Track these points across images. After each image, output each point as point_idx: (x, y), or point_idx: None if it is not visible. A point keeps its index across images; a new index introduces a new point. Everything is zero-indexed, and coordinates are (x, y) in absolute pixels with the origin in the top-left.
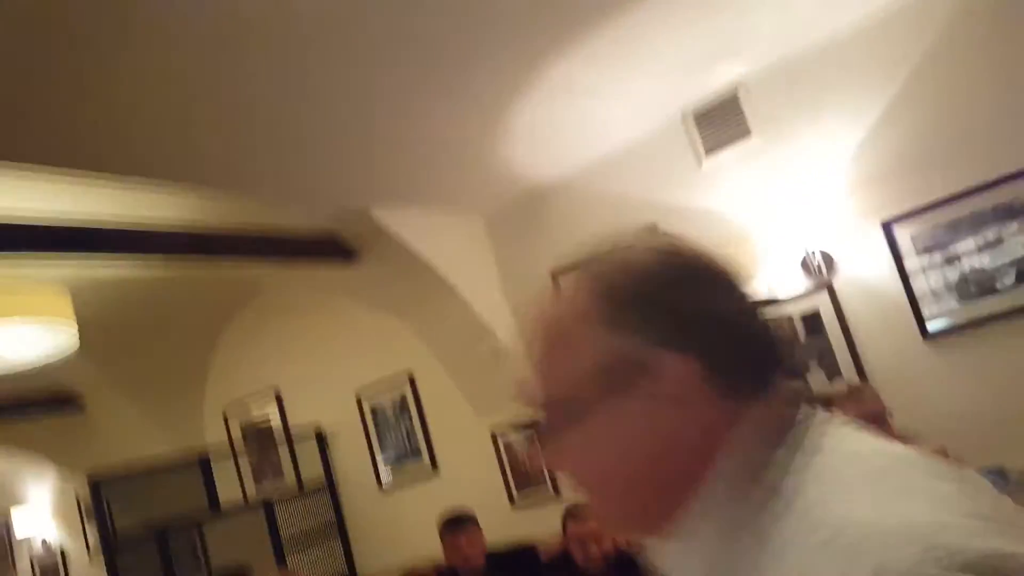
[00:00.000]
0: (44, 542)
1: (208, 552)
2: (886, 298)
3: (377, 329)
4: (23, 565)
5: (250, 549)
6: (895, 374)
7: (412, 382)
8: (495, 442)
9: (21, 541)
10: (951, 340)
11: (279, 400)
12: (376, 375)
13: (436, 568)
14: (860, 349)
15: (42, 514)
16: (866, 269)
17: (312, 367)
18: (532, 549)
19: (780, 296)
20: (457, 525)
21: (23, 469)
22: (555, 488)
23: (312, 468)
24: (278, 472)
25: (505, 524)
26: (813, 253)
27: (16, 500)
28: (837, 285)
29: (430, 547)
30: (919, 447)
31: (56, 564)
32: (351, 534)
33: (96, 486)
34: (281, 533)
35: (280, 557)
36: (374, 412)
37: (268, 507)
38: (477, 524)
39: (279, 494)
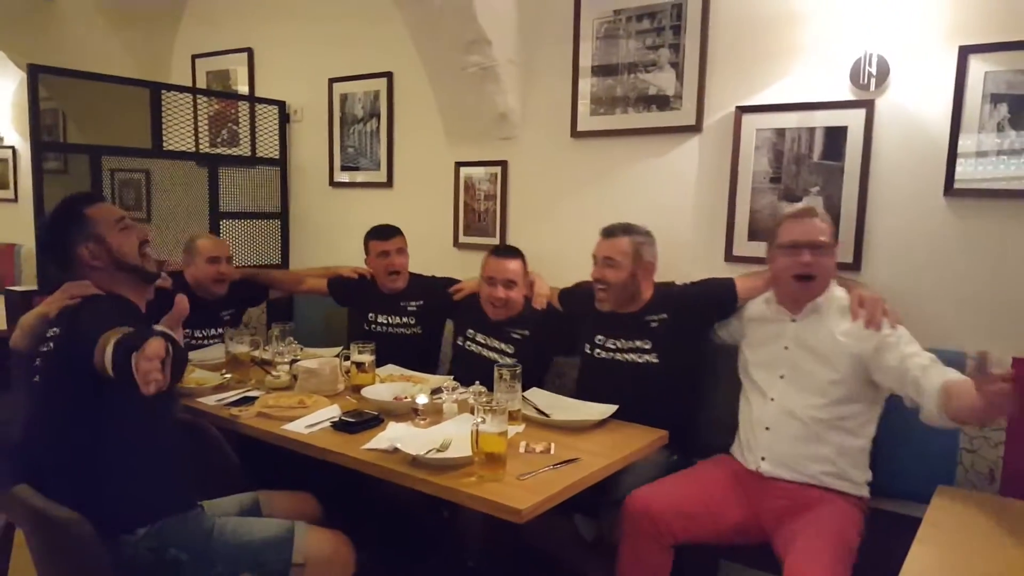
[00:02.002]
0: None
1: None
2: (925, 135)
3: (366, 19)
4: None
5: (188, 202)
6: (898, 219)
7: (390, 82)
8: (457, 174)
9: None
10: (970, 204)
11: (250, 59)
12: (354, 69)
13: (356, 271)
14: (872, 183)
15: (1, 108)
16: (918, 96)
17: (289, 45)
18: (451, 282)
19: (811, 99)
20: (388, 234)
21: None
22: (502, 242)
23: (268, 146)
24: (233, 136)
25: (443, 259)
26: (870, 58)
27: None
28: (880, 103)
29: (360, 256)
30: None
31: (6, 160)
32: (291, 217)
33: (34, 72)
34: (221, 195)
35: (216, 220)
36: (343, 100)
37: (214, 165)
38: (404, 239)
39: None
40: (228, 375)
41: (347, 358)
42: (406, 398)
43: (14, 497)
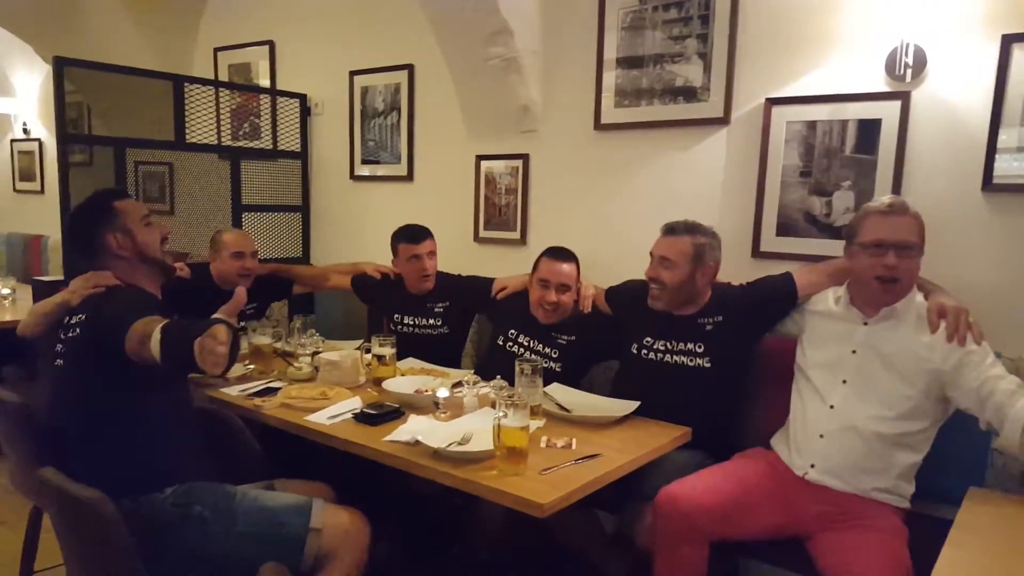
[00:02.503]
0: (25, 127)
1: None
2: (963, 128)
3: (387, 11)
4: (3, 152)
5: (211, 195)
6: (933, 215)
7: (411, 74)
8: (478, 168)
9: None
10: (1010, 199)
11: (272, 52)
12: (375, 61)
13: (379, 270)
14: (907, 178)
15: (27, 101)
16: (957, 88)
17: (310, 38)
18: (489, 282)
19: (844, 91)
20: (419, 237)
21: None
22: (523, 236)
23: (289, 139)
24: (255, 129)
25: (463, 254)
26: (906, 48)
27: (5, 88)
28: (916, 95)
29: (380, 250)
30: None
31: (32, 152)
32: (312, 211)
33: (60, 64)
34: (243, 187)
35: (238, 213)
36: (364, 93)
37: (236, 158)
38: (434, 241)
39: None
40: (251, 366)
41: (368, 351)
42: (427, 391)
43: (40, 479)
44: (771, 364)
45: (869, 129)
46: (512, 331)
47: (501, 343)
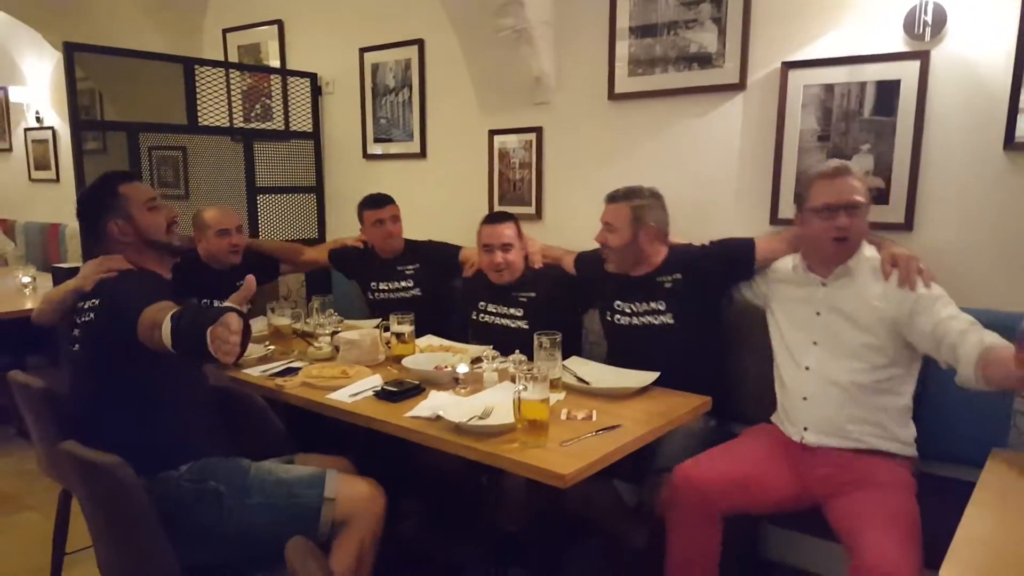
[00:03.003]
0: (38, 116)
1: (188, 167)
2: (984, 87)
3: None
4: (17, 141)
5: (225, 178)
6: (953, 175)
7: (421, 49)
8: (491, 143)
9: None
10: None
11: (281, 32)
12: (385, 37)
13: (360, 240)
14: (926, 139)
15: (39, 89)
16: (977, 46)
17: (318, 15)
18: (455, 249)
19: (862, 52)
20: (382, 202)
21: (22, 43)
22: (538, 211)
23: (301, 120)
24: (267, 110)
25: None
26: (925, 6)
27: (16, 77)
28: (935, 55)
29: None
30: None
31: (46, 140)
32: (326, 191)
33: (70, 49)
34: (257, 169)
35: (252, 195)
36: (375, 70)
37: (249, 140)
38: (398, 207)
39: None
40: (271, 347)
41: (387, 329)
42: (447, 367)
43: (62, 452)
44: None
45: (888, 90)
46: (480, 303)
47: (475, 317)
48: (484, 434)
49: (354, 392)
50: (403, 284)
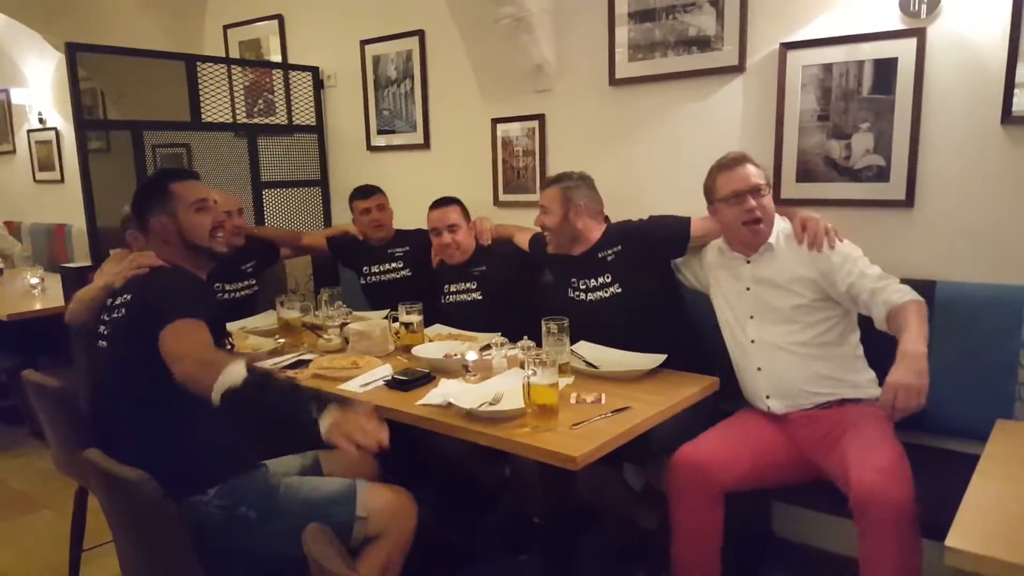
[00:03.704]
0: (40, 117)
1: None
2: (980, 63)
3: None
4: (21, 143)
5: (230, 174)
6: (952, 150)
7: (422, 40)
8: (494, 131)
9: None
10: None
11: (281, 26)
12: (385, 29)
13: (361, 232)
14: (925, 115)
15: (41, 90)
16: (973, 22)
17: (318, 9)
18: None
19: (859, 31)
20: (368, 193)
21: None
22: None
23: (304, 114)
24: (270, 105)
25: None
26: None
27: (17, 78)
28: (931, 31)
29: (400, 219)
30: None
31: (50, 141)
32: (331, 184)
33: (72, 49)
34: (262, 165)
35: (258, 190)
36: (376, 62)
37: (252, 135)
38: (385, 197)
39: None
40: (281, 340)
41: (396, 319)
42: (456, 355)
43: (86, 460)
44: None
45: (885, 68)
46: (445, 286)
47: (444, 300)
48: (495, 420)
49: (365, 382)
50: (393, 266)
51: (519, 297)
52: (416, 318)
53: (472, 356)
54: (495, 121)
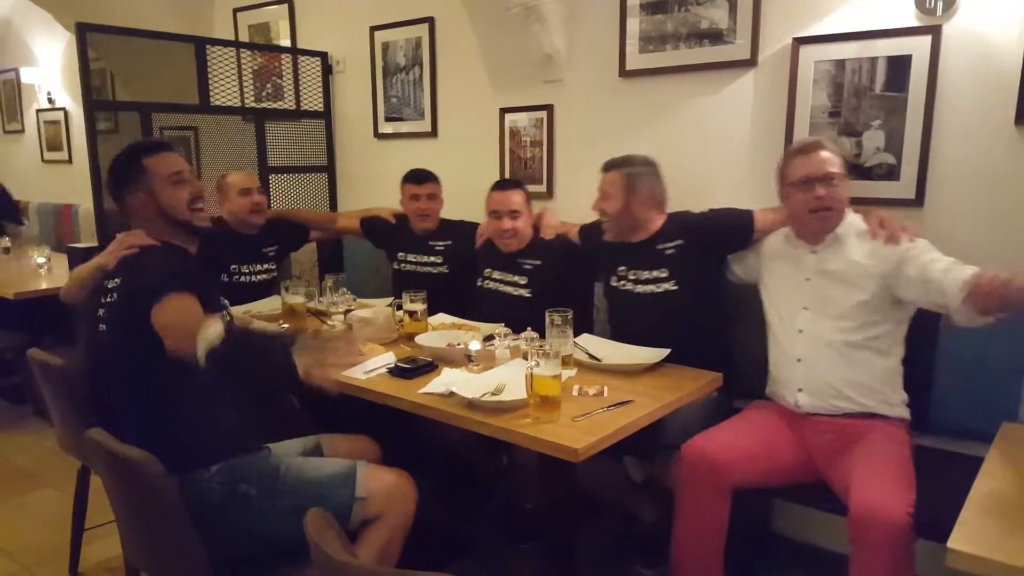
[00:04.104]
0: (49, 97)
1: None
2: (995, 62)
3: None
4: (30, 122)
5: (237, 158)
6: (965, 150)
7: (431, 27)
8: (502, 121)
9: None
10: None
11: (291, 10)
12: (395, 15)
13: (394, 214)
14: (938, 114)
15: (50, 70)
16: (989, 20)
17: None
18: (475, 226)
19: (873, 27)
20: (421, 179)
21: (33, 24)
22: (550, 189)
23: (312, 99)
24: (278, 90)
25: None
26: None
27: (27, 58)
28: (947, 29)
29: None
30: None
31: (58, 121)
32: (338, 170)
33: (82, 30)
34: (269, 149)
35: (265, 175)
36: (385, 49)
37: (260, 119)
38: (437, 185)
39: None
40: (285, 325)
41: (400, 307)
42: (459, 345)
43: (89, 440)
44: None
45: (899, 66)
46: (487, 270)
47: (481, 284)
48: (497, 410)
49: (368, 369)
50: (432, 259)
51: (571, 298)
52: (420, 306)
53: (475, 346)
54: (503, 111)
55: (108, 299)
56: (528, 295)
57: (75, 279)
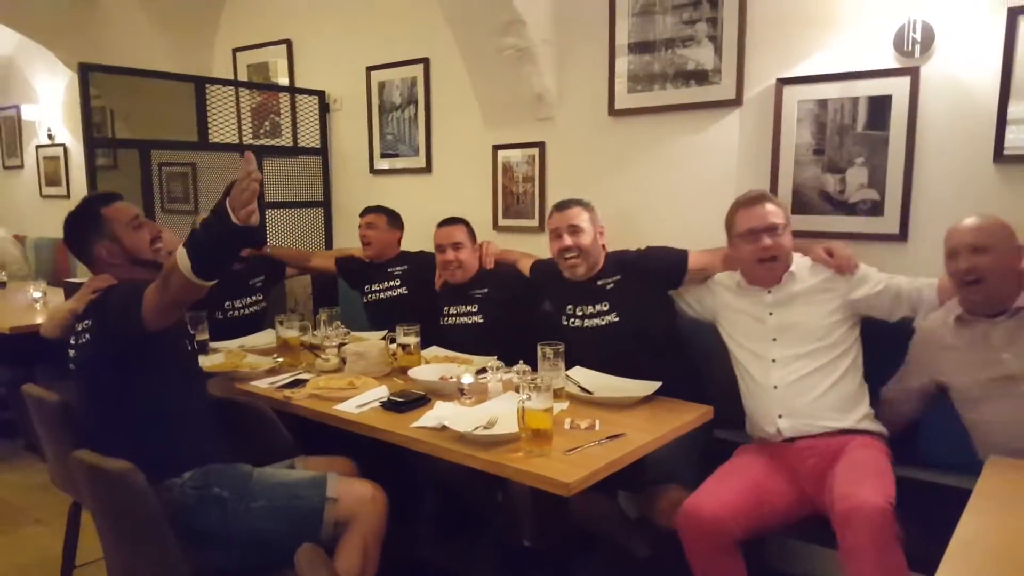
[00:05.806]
0: (49, 133)
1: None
2: (973, 102)
3: (402, 5)
4: (29, 158)
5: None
6: (945, 187)
7: (427, 68)
8: (495, 157)
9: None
10: (1021, 170)
11: (289, 51)
12: (391, 56)
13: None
14: (918, 152)
15: (51, 107)
16: (965, 62)
17: (326, 35)
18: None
19: (854, 68)
20: (363, 212)
21: (35, 63)
22: (541, 223)
23: (309, 136)
24: (276, 127)
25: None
26: (914, 24)
27: (28, 95)
28: (925, 71)
29: (408, 238)
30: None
31: (57, 157)
32: (334, 205)
33: (84, 70)
34: (266, 185)
35: (261, 210)
36: (381, 88)
37: (258, 157)
38: (379, 216)
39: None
40: (279, 359)
41: (393, 341)
42: (452, 378)
43: (73, 461)
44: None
45: (880, 105)
46: (445, 307)
47: (442, 322)
48: (489, 443)
49: (361, 403)
50: (391, 284)
51: (520, 321)
52: (413, 340)
53: (468, 379)
54: (496, 147)
55: (79, 341)
56: (481, 321)
57: (51, 319)
